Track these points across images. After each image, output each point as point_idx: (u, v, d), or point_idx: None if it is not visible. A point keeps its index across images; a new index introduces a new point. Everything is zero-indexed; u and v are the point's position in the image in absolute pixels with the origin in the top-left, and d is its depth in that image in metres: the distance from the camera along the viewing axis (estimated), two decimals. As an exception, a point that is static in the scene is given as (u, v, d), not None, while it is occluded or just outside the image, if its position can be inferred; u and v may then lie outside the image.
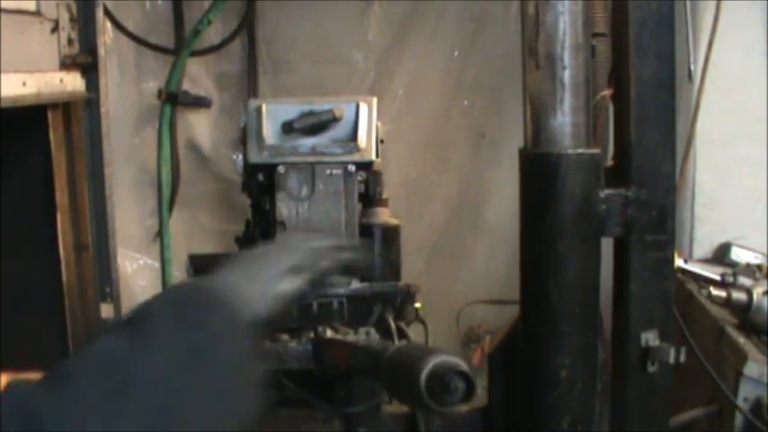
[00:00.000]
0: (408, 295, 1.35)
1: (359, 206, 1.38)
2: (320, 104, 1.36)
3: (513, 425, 1.23)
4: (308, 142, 1.35)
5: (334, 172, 1.33)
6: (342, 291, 1.31)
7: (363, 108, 1.36)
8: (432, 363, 0.95)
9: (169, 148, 2.48)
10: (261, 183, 1.36)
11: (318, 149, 1.34)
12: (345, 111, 1.36)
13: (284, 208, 1.33)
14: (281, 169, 1.33)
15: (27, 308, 1.88)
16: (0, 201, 1.80)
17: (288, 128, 1.34)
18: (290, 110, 1.37)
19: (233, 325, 0.84)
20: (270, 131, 1.36)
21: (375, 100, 1.38)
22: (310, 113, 1.35)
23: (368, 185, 1.36)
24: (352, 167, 1.33)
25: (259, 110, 1.37)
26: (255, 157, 1.35)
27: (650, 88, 1.12)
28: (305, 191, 1.33)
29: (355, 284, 1.34)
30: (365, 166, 1.35)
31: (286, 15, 3.01)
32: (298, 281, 0.94)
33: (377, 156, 1.37)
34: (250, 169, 1.36)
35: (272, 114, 1.37)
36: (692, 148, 2.43)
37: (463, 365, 0.96)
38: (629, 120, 1.13)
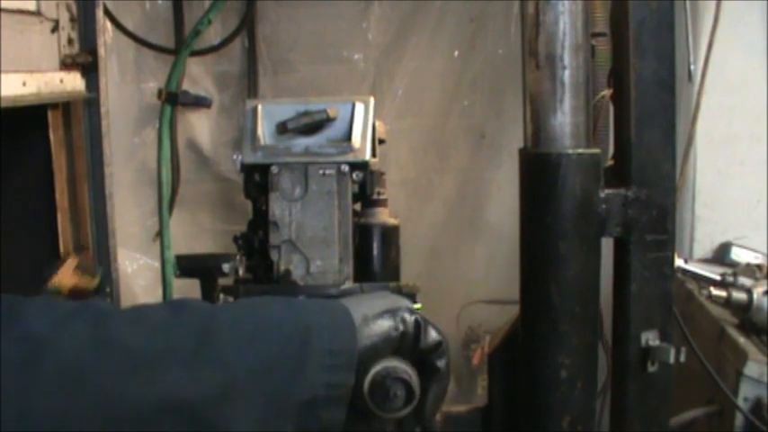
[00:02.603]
0: (407, 295, 1.34)
1: (354, 206, 1.37)
2: (316, 104, 1.34)
3: (513, 425, 1.23)
4: (302, 142, 1.34)
5: (327, 172, 1.31)
6: (334, 291, 1.30)
7: (359, 108, 1.34)
8: (373, 370, 0.94)
9: (169, 148, 2.48)
10: (257, 183, 1.35)
11: (312, 150, 1.33)
12: (341, 111, 1.34)
13: (277, 208, 1.31)
14: (274, 169, 1.32)
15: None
16: (0, 201, 1.80)
17: (282, 128, 1.33)
18: (286, 110, 1.35)
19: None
20: (265, 132, 1.35)
21: (372, 99, 1.37)
22: (305, 113, 1.34)
23: (366, 185, 1.35)
24: (345, 168, 1.32)
25: (255, 110, 1.36)
26: (250, 158, 1.34)
27: (650, 88, 1.12)
28: (298, 191, 1.32)
29: (349, 284, 1.32)
30: (360, 166, 1.33)
31: (286, 15, 3.02)
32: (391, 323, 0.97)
33: (373, 155, 1.36)
34: (246, 170, 1.35)
35: (268, 115, 1.35)
36: (692, 148, 2.44)
37: (402, 371, 0.95)
38: (629, 120, 1.12)
